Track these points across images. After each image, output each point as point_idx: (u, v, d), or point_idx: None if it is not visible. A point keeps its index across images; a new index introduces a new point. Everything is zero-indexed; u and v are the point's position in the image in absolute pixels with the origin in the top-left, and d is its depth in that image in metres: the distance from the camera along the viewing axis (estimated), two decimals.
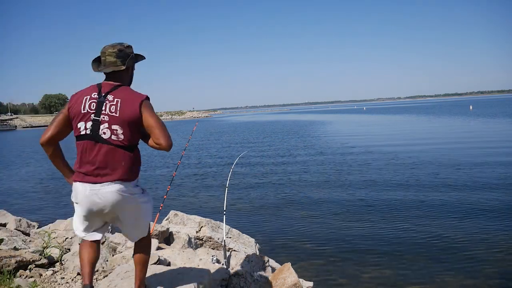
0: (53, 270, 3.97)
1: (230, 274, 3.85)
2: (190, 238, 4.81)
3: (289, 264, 3.74)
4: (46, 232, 4.57)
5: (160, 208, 4.47)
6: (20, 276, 3.72)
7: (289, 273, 3.60)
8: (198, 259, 3.83)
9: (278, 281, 3.56)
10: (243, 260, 4.12)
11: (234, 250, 4.89)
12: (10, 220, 5.70)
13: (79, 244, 2.75)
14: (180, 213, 5.62)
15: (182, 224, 5.41)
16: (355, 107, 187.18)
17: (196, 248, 4.53)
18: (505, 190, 9.10)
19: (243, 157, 17.78)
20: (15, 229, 5.42)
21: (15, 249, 4.10)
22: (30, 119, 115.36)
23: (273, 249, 6.34)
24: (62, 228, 5.13)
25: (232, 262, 4.20)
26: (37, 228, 5.76)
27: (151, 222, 4.71)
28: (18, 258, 3.85)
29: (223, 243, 4.34)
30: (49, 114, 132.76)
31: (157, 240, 4.46)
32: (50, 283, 3.68)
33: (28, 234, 5.44)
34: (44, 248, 4.24)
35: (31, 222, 5.97)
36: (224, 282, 3.64)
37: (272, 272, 3.98)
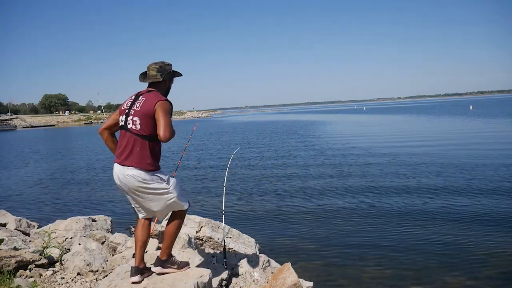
0: (53, 270, 3.97)
1: (230, 274, 3.85)
2: (190, 238, 4.81)
3: (289, 264, 3.74)
4: (46, 232, 4.57)
5: None
6: (20, 276, 3.73)
7: (289, 273, 3.60)
8: (198, 259, 3.83)
9: (278, 281, 3.56)
10: (243, 260, 4.13)
11: (234, 250, 4.89)
12: (10, 220, 5.69)
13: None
14: None
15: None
16: (355, 107, 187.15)
17: (196, 248, 4.53)
18: (506, 191, 9.10)
19: (243, 157, 17.77)
20: (15, 229, 5.42)
21: (15, 249, 4.10)
22: (30, 119, 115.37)
23: (273, 249, 6.33)
24: (62, 228, 5.13)
25: (232, 262, 4.21)
26: (37, 228, 5.76)
27: (151, 222, 4.71)
28: (18, 258, 3.85)
29: (223, 243, 4.34)
30: (49, 114, 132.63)
31: (157, 240, 4.46)
32: (50, 283, 3.68)
33: (28, 234, 5.44)
34: (44, 248, 4.24)
35: (31, 222, 5.97)
36: (224, 282, 3.64)
37: (272, 272, 3.98)
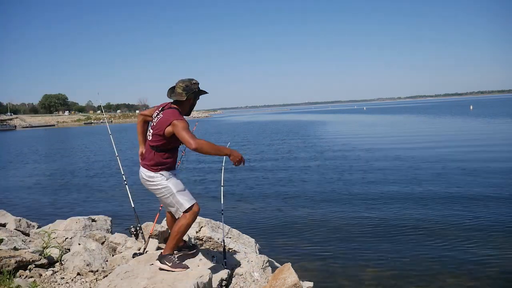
0: (53, 270, 3.96)
1: (230, 274, 3.85)
2: (190, 238, 4.80)
3: (289, 264, 3.73)
4: (46, 232, 4.56)
5: (160, 208, 4.46)
6: (20, 276, 3.72)
7: (289, 273, 3.60)
8: (198, 259, 3.82)
9: (278, 281, 3.55)
10: (243, 260, 4.12)
11: (234, 250, 4.89)
12: (10, 220, 5.68)
13: None
14: None
15: None
16: (355, 107, 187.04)
17: (197, 252, 4.51)
18: (507, 191, 9.10)
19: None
20: (15, 229, 5.41)
21: (15, 249, 4.09)
22: (29, 119, 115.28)
23: (273, 249, 6.33)
24: (61, 228, 5.12)
25: (232, 262, 4.20)
26: (36, 228, 5.74)
27: (150, 222, 4.70)
28: (18, 258, 3.84)
29: (223, 243, 4.34)
30: (49, 114, 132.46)
31: (157, 240, 4.46)
32: (50, 283, 3.68)
33: (27, 234, 5.43)
34: (44, 248, 4.23)
35: (31, 222, 5.95)
36: (224, 282, 3.64)
37: (272, 272, 3.98)
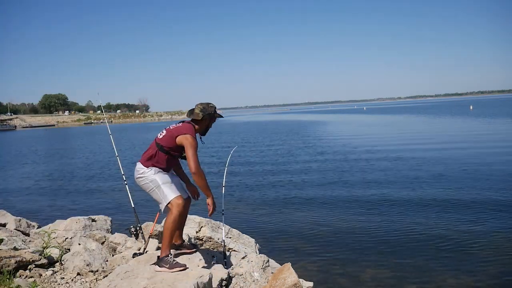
0: (53, 270, 3.96)
1: (230, 274, 3.85)
2: (190, 238, 4.80)
3: (289, 264, 3.73)
4: (46, 232, 4.56)
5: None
6: (20, 276, 3.72)
7: (289, 273, 3.60)
8: (198, 259, 3.82)
9: (278, 281, 3.55)
10: (243, 260, 4.12)
11: (234, 250, 4.89)
12: (10, 220, 5.68)
13: None
14: None
15: None
16: (355, 107, 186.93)
17: (197, 250, 4.51)
18: (507, 192, 9.10)
19: (243, 158, 17.76)
20: (15, 229, 5.41)
21: (15, 249, 4.09)
22: (29, 119, 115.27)
23: (273, 249, 6.33)
24: (61, 228, 5.12)
25: (232, 262, 4.20)
26: (36, 228, 5.75)
27: (150, 222, 4.69)
28: (18, 258, 3.84)
29: (223, 243, 4.34)
30: (49, 114, 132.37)
31: (157, 240, 4.46)
32: (50, 283, 3.68)
33: (28, 234, 5.43)
34: (44, 248, 4.23)
35: (31, 222, 5.96)
36: (224, 282, 3.64)
37: (272, 272, 3.98)
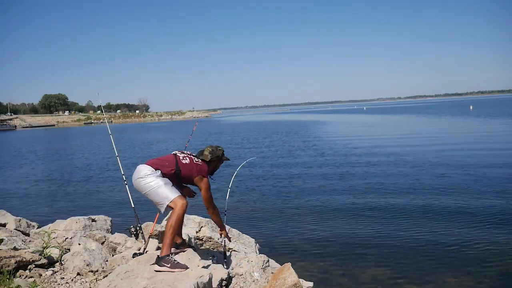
0: (53, 270, 3.96)
1: (230, 274, 3.85)
2: (190, 238, 4.80)
3: (289, 264, 3.73)
4: (46, 232, 4.56)
5: None
6: (20, 276, 3.72)
7: (289, 273, 3.60)
8: (198, 259, 3.82)
9: (278, 281, 3.55)
10: (243, 260, 4.12)
11: (234, 250, 4.89)
12: (10, 220, 5.68)
13: None
14: None
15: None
16: (355, 107, 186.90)
17: (196, 249, 4.52)
18: (507, 191, 9.10)
19: (243, 158, 17.75)
20: (15, 229, 5.40)
21: (15, 249, 4.09)
22: (29, 119, 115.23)
23: (273, 249, 6.33)
24: (61, 228, 5.12)
25: (232, 262, 4.20)
26: (36, 228, 5.74)
27: (150, 222, 4.69)
28: (18, 258, 3.84)
29: (223, 243, 4.34)
30: (49, 114, 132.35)
31: (157, 240, 4.46)
32: (50, 283, 3.68)
33: (28, 234, 5.43)
34: (44, 248, 4.23)
35: (31, 222, 5.95)
36: (224, 282, 3.64)
37: (272, 272, 3.98)
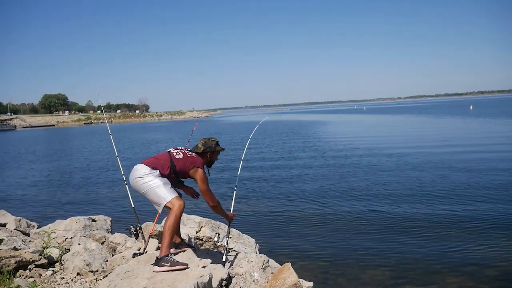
0: (53, 270, 3.96)
1: (230, 274, 3.85)
2: (190, 238, 4.80)
3: (289, 264, 3.73)
4: (46, 232, 4.56)
5: None
6: (20, 276, 3.72)
7: (289, 273, 3.60)
8: (198, 259, 3.82)
9: (278, 281, 3.55)
10: (243, 260, 4.12)
11: (234, 250, 4.89)
12: (10, 220, 5.68)
13: None
14: None
15: (182, 224, 5.40)
16: (355, 107, 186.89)
17: (196, 248, 4.52)
18: (507, 191, 9.10)
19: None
20: (15, 229, 5.41)
21: (15, 249, 4.09)
22: (30, 119, 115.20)
23: (273, 249, 6.33)
24: (61, 228, 5.12)
25: (232, 262, 4.20)
26: (36, 228, 5.74)
27: (150, 222, 4.69)
28: (18, 258, 3.84)
29: (223, 243, 4.34)
30: (49, 114, 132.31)
31: (157, 240, 4.46)
32: (50, 283, 3.68)
33: (27, 234, 5.43)
34: (44, 248, 4.23)
35: (31, 222, 5.95)
36: (224, 282, 3.64)
37: (272, 272, 3.98)
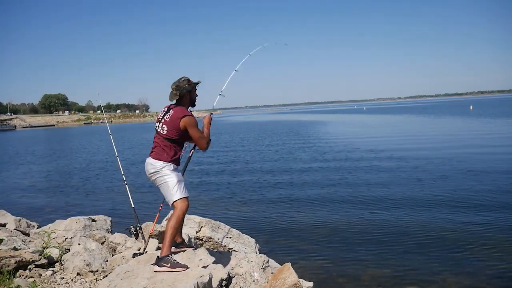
0: (53, 270, 3.96)
1: (230, 274, 3.85)
2: (190, 238, 4.80)
3: (289, 264, 3.73)
4: (46, 232, 4.56)
5: (160, 208, 4.46)
6: (20, 276, 3.72)
7: (289, 273, 3.60)
8: (198, 259, 3.82)
9: (278, 281, 3.55)
10: (243, 260, 4.12)
11: (234, 250, 4.89)
12: (10, 220, 5.68)
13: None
14: None
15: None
16: (355, 107, 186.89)
17: (196, 248, 4.52)
18: (507, 192, 9.10)
19: (243, 158, 17.74)
20: (15, 229, 5.41)
21: (15, 249, 4.09)
22: (29, 119, 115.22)
23: (273, 249, 6.33)
24: (61, 228, 5.12)
25: (232, 262, 4.20)
26: (36, 228, 5.74)
27: (150, 222, 4.70)
28: (18, 258, 3.84)
29: (223, 243, 4.34)
30: (49, 114, 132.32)
31: (157, 240, 4.46)
32: (50, 283, 3.68)
33: (27, 234, 5.43)
34: (44, 248, 4.23)
35: (31, 222, 5.95)
36: (224, 282, 3.64)
37: (272, 272, 3.98)
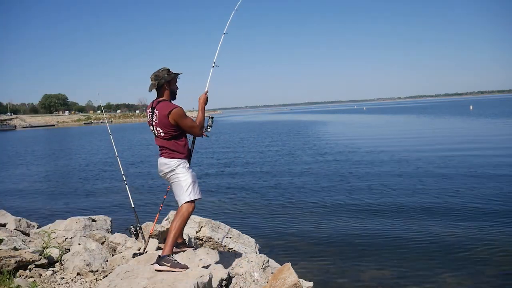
0: (53, 270, 3.96)
1: (230, 274, 3.85)
2: (190, 238, 4.80)
3: (289, 264, 3.73)
4: (46, 232, 4.57)
5: (160, 208, 4.46)
6: (20, 276, 3.72)
7: (289, 273, 3.60)
8: (198, 259, 3.82)
9: (278, 281, 3.55)
10: (243, 260, 4.12)
11: (234, 250, 4.89)
12: (10, 220, 5.68)
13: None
14: None
15: None
16: (355, 107, 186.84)
17: (196, 248, 4.52)
18: (507, 192, 9.10)
19: (243, 158, 17.73)
20: (15, 229, 5.41)
21: (15, 249, 4.09)
22: (29, 119, 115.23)
23: (273, 249, 6.33)
24: (62, 228, 5.13)
25: (232, 262, 4.20)
26: (36, 228, 5.75)
27: (150, 222, 4.70)
28: (18, 258, 3.84)
29: (223, 243, 4.34)
30: (49, 114, 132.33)
31: (157, 240, 4.46)
32: (50, 283, 3.68)
33: (28, 234, 5.43)
34: (44, 248, 4.23)
35: (31, 222, 5.96)
36: (224, 282, 3.64)
37: (272, 272, 3.98)
